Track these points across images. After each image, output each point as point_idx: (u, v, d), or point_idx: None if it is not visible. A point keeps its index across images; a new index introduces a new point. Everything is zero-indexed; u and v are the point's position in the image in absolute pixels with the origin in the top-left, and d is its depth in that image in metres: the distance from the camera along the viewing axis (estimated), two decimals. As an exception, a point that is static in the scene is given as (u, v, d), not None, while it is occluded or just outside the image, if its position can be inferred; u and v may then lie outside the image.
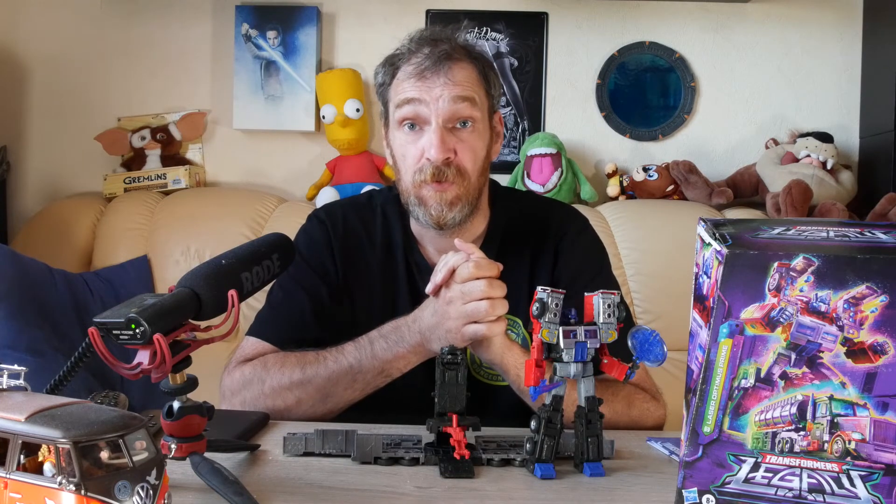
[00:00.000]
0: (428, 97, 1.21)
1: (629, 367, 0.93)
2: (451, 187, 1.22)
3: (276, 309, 1.30)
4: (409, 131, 1.25)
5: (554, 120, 2.62)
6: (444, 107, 1.21)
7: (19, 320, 1.89)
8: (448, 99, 1.21)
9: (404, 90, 1.24)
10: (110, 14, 2.62)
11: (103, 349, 0.76)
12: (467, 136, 1.24)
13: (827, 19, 2.59)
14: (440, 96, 1.21)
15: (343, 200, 1.50)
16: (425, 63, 1.23)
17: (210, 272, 0.86)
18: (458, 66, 1.24)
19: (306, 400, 1.18)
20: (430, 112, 1.22)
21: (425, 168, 1.22)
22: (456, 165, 1.22)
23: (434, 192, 1.22)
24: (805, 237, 0.72)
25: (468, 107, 1.23)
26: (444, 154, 1.21)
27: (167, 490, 0.63)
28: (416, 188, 1.24)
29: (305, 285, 1.29)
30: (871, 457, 0.71)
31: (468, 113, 1.23)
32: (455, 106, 1.22)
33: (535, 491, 0.88)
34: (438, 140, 1.20)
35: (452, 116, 1.22)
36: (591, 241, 1.39)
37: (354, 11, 2.60)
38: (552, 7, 2.60)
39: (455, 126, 1.23)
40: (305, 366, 1.19)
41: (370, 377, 1.17)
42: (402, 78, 1.25)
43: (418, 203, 1.24)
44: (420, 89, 1.22)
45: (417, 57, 1.24)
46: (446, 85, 1.22)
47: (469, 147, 1.24)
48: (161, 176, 2.52)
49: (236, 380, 1.22)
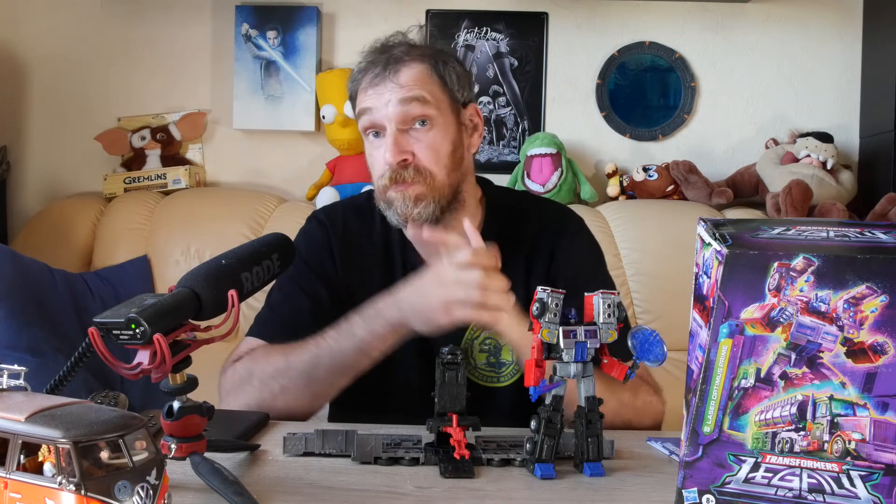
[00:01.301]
0: (378, 104, 1.24)
1: (629, 367, 0.93)
2: (412, 186, 1.23)
3: (276, 310, 1.30)
4: (374, 139, 1.28)
5: (554, 120, 2.62)
6: (393, 110, 1.23)
7: (19, 320, 1.89)
8: (395, 102, 1.23)
9: (361, 101, 1.28)
10: (110, 14, 2.62)
11: (103, 349, 0.76)
12: (424, 136, 1.25)
13: (827, 19, 2.59)
14: (388, 101, 1.23)
15: (342, 201, 1.51)
16: (375, 70, 1.26)
17: (210, 272, 0.86)
18: (405, 67, 1.25)
19: (290, 387, 1.17)
20: (383, 118, 1.24)
21: (385, 173, 1.24)
22: (415, 166, 1.24)
23: (397, 192, 1.24)
24: (805, 237, 0.72)
25: (418, 106, 1.24)
26: (399, 157, 1.23)
27: (167, 490, 0.63)
28: (382, 192, 1.26)
29: (305, 286, 1.29)
30: (871, 457, 0.71)
31: (419, 112, 1.24)
32: (404, 108, 1.23)
33: (535, 491, 0.88)
34: (392, 144, 1.23)
35: (405, 118, 1.24)
36: (587, 241, 1.39)
37: (354, 11, 2.60)
38: (552, 7, 2.60)
39: (412, 127, 1.25)
40: (289, 353, 1.19)
41: (350, 358, 1.16)
42: (361, 89, 1.28)
43: (387, 206, 1.26)
44: (372, 98, 1.25)
45: (372, 66, 1.27)
46: (394, 89, 1.24)
47: (427, 146, 1.24)
48: (161, 176, 2.52)
49: (229, 378, 1.22)
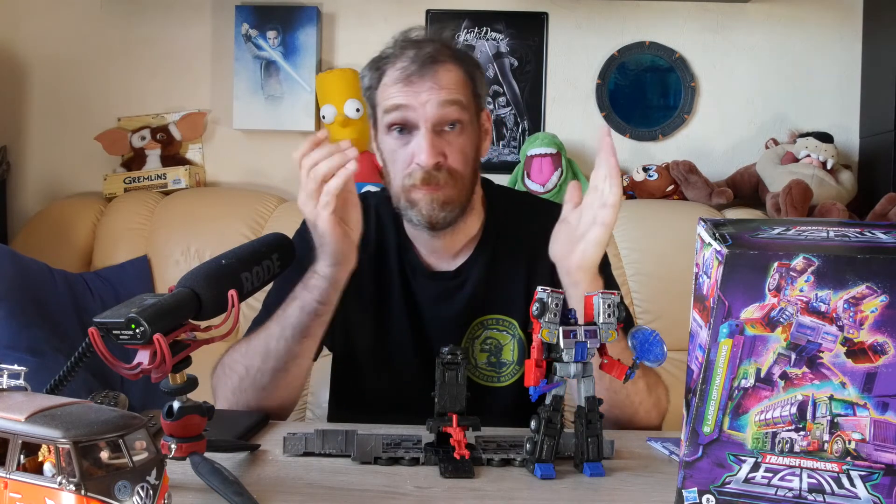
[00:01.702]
0: (415, 102, 1.21)
1: (629, 367, 0.93)
2: (441, 189, 1.22)
3: (271, 311, 1.29)
4: (398, 135, 1.24)
5: (554, 120, 2.61)
6: (432, 112, 1.21)
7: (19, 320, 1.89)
8: (435, 104, 1.21)
9: (391, 96, 1.23)
10: (110, 14, 2.62)
11: (103, 349, 0.76)
12: (455, 139, 1.23)
13: (827, 19, 2.59)
14: (427, 101, 1.21)
15: None
16: (411, 67, 1.22)
17: (210, 272, 0.86)
18: (443, 68, 1.23)
19: (252, 366, 1.17)
20: (419, 117, 1.21)
21: (415, 172, 1.22)
22: (447, 168, 1.22)
23: (424, 194, 1.22)
24: (805, 237, 0.72)
25: (456, 110, 1.22)
26: (434, 159, 1.20)
27: (167, 490, 0.63)
28: (406, 192, 1.23)
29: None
30: (871, 457, 0.71)
31: (456, 116, 1.23)
32: (443, 110, 1.21)
33: (535, 491, 0.88)
34: (428, 145, 1.20)
35: (441, 121, 1.22)
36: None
37: (354, 11, 2.60)
38: (552, 7, 2.60)
39: (443, 129, 1.23)
40: (250, 336, 1.20)
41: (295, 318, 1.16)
42: (389, 83, 1.24)
43: (409, 206, 1.24)
44: (407, 95, 1.22)
45: (402, 61, 1.23)
46: (433, 89, 1.21)
47: (458, 149, 1.23)
48: (161, 176, 2.52)
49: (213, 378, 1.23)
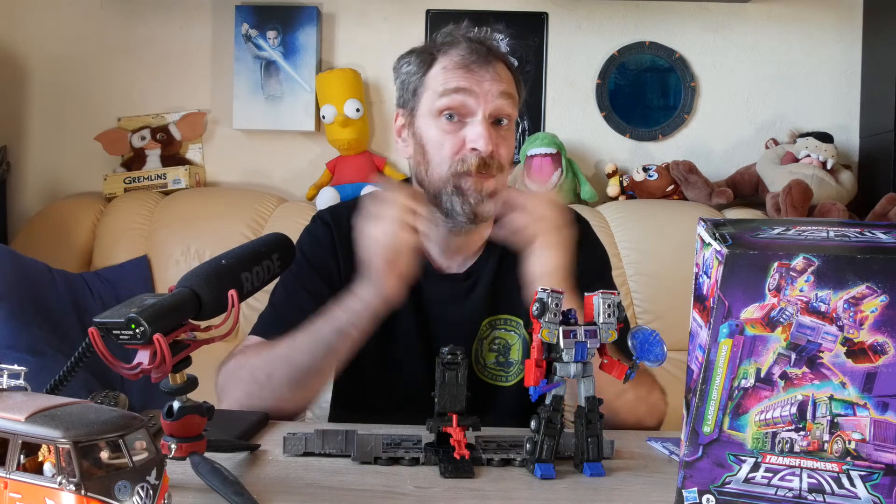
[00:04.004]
0: (477, 89, 1.21)
1: (629, 367, 0.93)
2: (491, 179, 1.22)
3: (279, 309, 1.30)
4: (448, 121, 1.23)
5: (554, 120, 2.62)
6: (493, 101, 1.22)
7: (19, 320, 1.89)
8: (496, 93, 1.22)
9: (450, 79, 1.23)
10: (110, 14, 2.62)
11: (103, 349, 0.76)
12: (505, 133, 1.25)
13: (827, 19, 2.59)
14: (489, 90, 1.22)
15: (347, 202, 1.50)
16: (472, 56, 1.23)
17: (210, 272, 0.86)
18: (499, 65, 1.25)
19: (275, 375, 1.17)
20: (478, 104, 1.21)
21: (468, 158, 1.21)
22: (498, 159, 1.23)
23: (475, 183, 1.21)
24: (805, 237, 0.72)
25: (510, 104, 1.24)
26: (492, 147, 1.21)
27: (167, 490, 0.63)
28: (456, 178, 1.22)
29: (308, 286, 1.29)
30: (871, 457, 0.71)
31: (509, 110, 1.24)
32: (501, 101, 1.22)
33: (535, 491, 0.88)
34: (487, 132, 1.20)
35: (498, 111, 1.23)
36: (592, 244, 1.39)
37: (354, 11, 2.60)
38: (552, 7, 2.60)
39: (494, 122, 1.23)
40: (274, 343, 1.19)
41: (327, 338, 1.16)
42: (448, 67, 1.24)
43: (455, 192, 1.22)
44: (469, 80, 1.22)
45: (460, 49, 1.24)
46: (494, 80, 1.22)
47: (507, 144, 1.25)
48: (161, 176, 2.52)
49: (222, 374, 1.22)
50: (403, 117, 1.31)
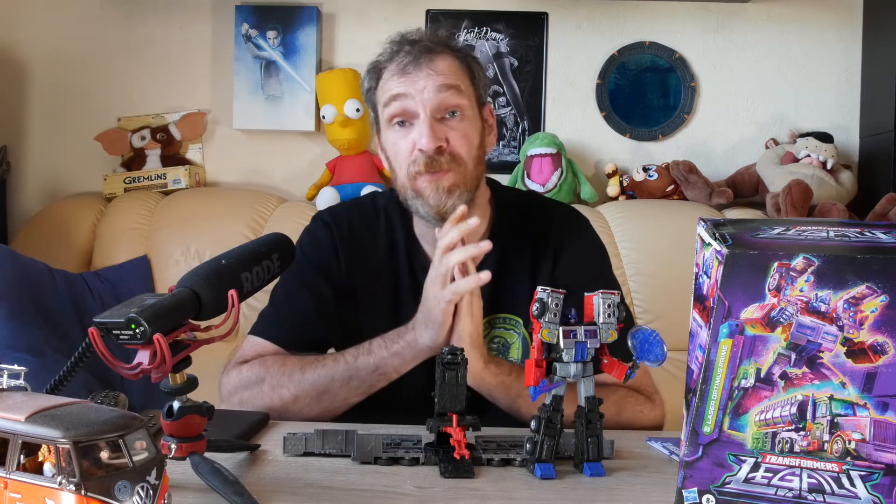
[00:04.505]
0: (413, 90, 1.22)
1: (629, 367, 0.93)
2: (446, 175, 1.22)
3: (280, 309, 1.30)
4: (400, 128, 1.25)
5: (554, 120, 2.62)
6: (430, 97, 1.22)
7: (19, 320, 1.89)
8: (433, 89, 1.22)
9: (389, 88, 1.24)
10: (110, 14, 2.62)
11: (103, 349, 0.76)
12: (457, 125, 1.24)
13: (827, 19, 2.59)
14: (424, 87, 1.22)
15: (347, 202, 1.51)
16: (406, 59, 1.24)
17: (210, 272, 0.86)
18: (439, 57, 1.24)
19: (302, 398, 1.18)
20: (417, 104, 1.22)
21: (418, 159, 1.22)
22: (449, 153, 1.22)
23: (429, 182, 1.22)
24: (805, 237, 0.72)
25: (454, 94, 1.23)
26: (436, 143, 1.21)
27: (167, 490, 0.63)
28: (411, 181, 1.23)
29: (309, 285, 1.30)
30: (871, 457, 0.71)
31: (455, 101, 1.23)
32: (441, 95, 1.22)
33: (535, 491, 0.88)
34: (428, 129, 1.21)
35: (440, 106, 1.23)
36: (592, 242, 1.39)
37: (354, 11, 2.60)
38: (552, 7, 2.60)
39: (444, 116, 1.23)
40: (305, 365, 1.20)
41: (367, 376, 1.17)
42: (387, 78, 1.26)
43: (415, 195, 1.24)
44: (405, 84, 1.23)
45: (399, 56, 1.25)
46: (429, 76, 1.22)
47: (461, 134, 1.24)
48: (161, 176, 2.52)
49: (234, 379, 1.22)
50: (376, 133, 1.34)
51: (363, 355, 1.18)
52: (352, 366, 1.17)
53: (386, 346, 1.17)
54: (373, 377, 1.18)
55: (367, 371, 1.17)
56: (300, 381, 1.18)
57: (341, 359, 1.19)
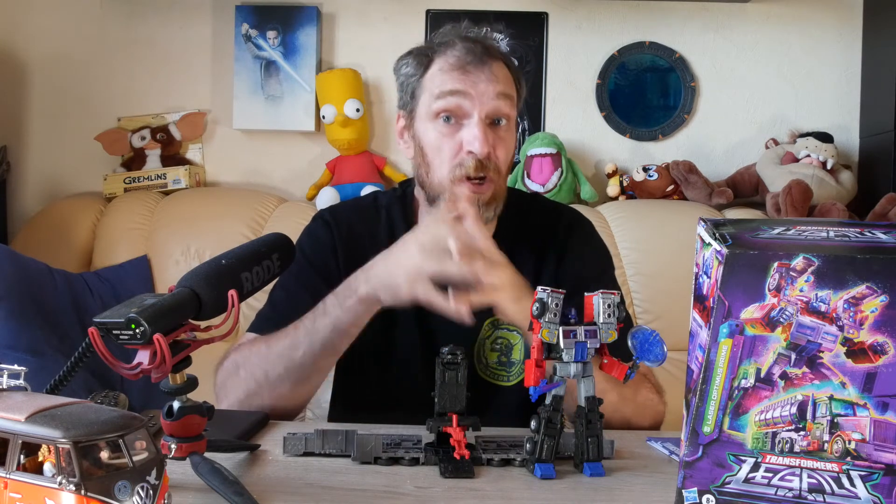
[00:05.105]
0: (473, 91, 1.21)
1: (629, 367, 0.93)
2: (489, 186, 1.21)
3: (278, 307, 1.30)
4: (445, 124, 1.23)
5: (554, 120, 2.62)
6: (488, 102, 1.21)
7: (19, 320, 1.89)
8: (493, 94, 1.21)
9: (445, 81, 1.22)
10: (110, 14, 2.62)
11: (103, 349, 0.76)
12: (503, 134, 1.24)
13: (827, 19, 2.59)
14: (485, 91, 1.21)
15: (348, 202, 1.50)
16: (467, 57, 1.22)
17: (210, 272, 0.86)
18: (497, 64, 1.24)
19: (272, 373, 1.15)
20: (474, 105, 1.21)
21: (466, 162, 1.20)
22: (495, 162, 1.22)
23: (470, 192, 1.20)
24: (805, 237, 0.72)
25: (507, 105, 1.23)
26: (488, 148, 1.20)
27: (167, 490, 0.63)
28: (453, 184, 1.22)
29: (308, 285, 1.29)
30: (871, 457, 0.71)
31: (507, 111, 1.23)
32: (497, 102, 1.22)
33: (535, 491, 0.88)
34: (483, 134, 1.20)
35: (494, 112, 1.22)
36: (595, 243, 1.39)
37: (354, 11, 2.60)
38: (552, 7, 2.60)
39: (493, 123, 1.23)
40: (270, 340, 1.18)
41: (326, 336, 1.13)
42: (444, 69, 1.23)
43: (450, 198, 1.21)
44: (464, 82, 1.21)
45: (456, 50, 1.23)
46: (490, 80, 1.21)
47: (505, 145, 1.24)
48: (161, 176, 2.52)
49: (220, 374, 1.22)
50: (404, 119, 1.31)
51: (320, 316, 1.14)
52: (310, 329, 1.14)
53: (339, 302, 1.13)
54: (332, 336, 1.13)
55: (326, 331, 1.13)
56: (267, 357, 1.16)
57: (301, 325, 1.15)
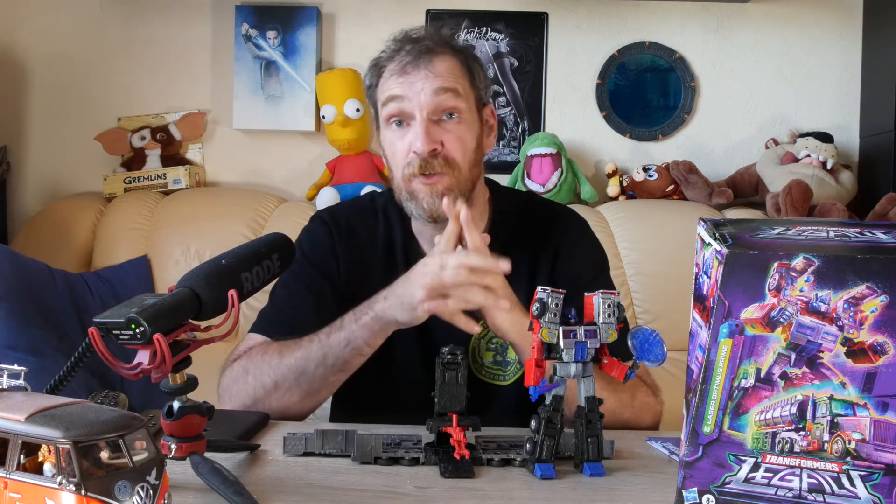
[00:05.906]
0: (410, 92, 1.22)
1: (629, 367, 0.93)
2: (440, 179, 1.22)
3: (279, 307, 1.30)
4: (397, 128, 1.25)
5: (554, 120, 2.61)
6: (426, 99, 1.22)
7: (19, 320, 1.89)
8: (430, 91, 1.22)
9: (388, 88, 1.24)
10: (110, 14, 2.62)
11: (103, 349, 0.76)
12: (454, 127, 1.24)
13: (827, 19, 2.59)
14: (422, 90, 1.22)
15: (346, 202, 1.51)
16: (406, 59, 1.23)
17: (210, 272, 0.86)
18: (438, 58, 1.24)
19: (282, 383, 1.17)
20: (414, 106, 1.22)
21: (413, 161, 1.22)
22: (444, 156, 1.22)
23: (423, 185, 1.22)
24: (805, 237, 0.72)
25: (451, 97, 1.23)
26: (430, 146, 1.21)
27: (167, 490, 0.63)
28: (406, 182, 1.23)
29: (308, 284, 1.30)
30: (871, 457, 0.71)
31: (452, 104, 1.23)
32: (437, 98, 1.22)
33: (535, 491, 0.88)
34: (423, 132, 1.21)
35: (436, 108, 1.22)
36: (591, 243, 1.39)
37: (354, 11, 2.60)
38: (552, 7, 2.60)
39: (441, 118, 1.23)
40: (283, 349, 1.19)
41: (340, 353, 1.15)
42: (387, 77, 1.26)
43: (409, 198, 1.24)
44: (402, 85, 1.23)
45: (400, 55, 1.25)
46: (427, 78, 1.22)
47: (456, 137, 1.23)
48: (161, 176, 2.52)
49: (227, 376, 1.22)
50: (377, 130, 1.33)
51: (335, 331, 1.16)
52: (325, 343, 1.16)
53: (355, 318, 1.16)
54: (346, 352, 1.15)
55: (340, 347, 1.15)
56: (278, 366, 1.18)
57: (315, 338, 1.17)
